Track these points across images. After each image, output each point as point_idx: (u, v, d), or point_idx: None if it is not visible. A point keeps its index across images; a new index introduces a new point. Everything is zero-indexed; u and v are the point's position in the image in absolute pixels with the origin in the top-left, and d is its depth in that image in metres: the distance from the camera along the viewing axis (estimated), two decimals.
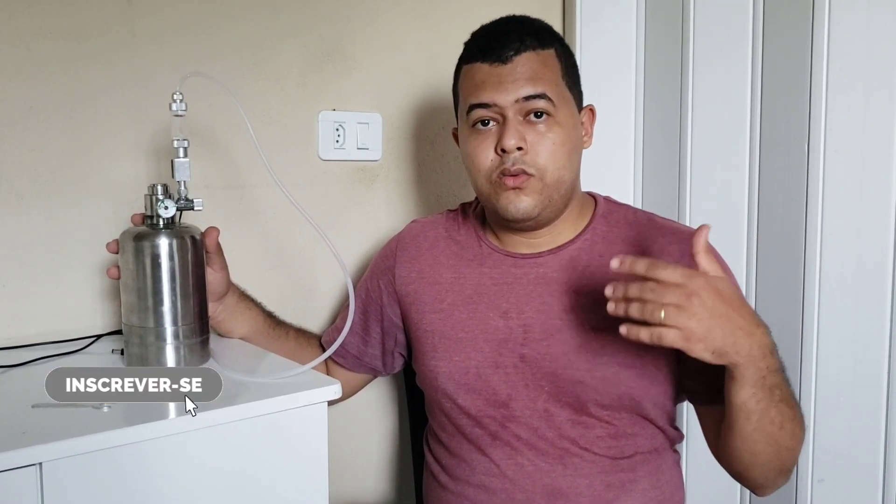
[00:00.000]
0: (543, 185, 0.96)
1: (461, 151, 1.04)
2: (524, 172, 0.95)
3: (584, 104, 1.04)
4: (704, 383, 0.96)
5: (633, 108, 1.49)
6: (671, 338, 0.80)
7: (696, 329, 0.79)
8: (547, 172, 0.96)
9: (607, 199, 1.08)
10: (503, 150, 0.95)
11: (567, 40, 1.26)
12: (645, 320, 0.81)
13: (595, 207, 1.06)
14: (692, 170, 1.40)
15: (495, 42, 0.97)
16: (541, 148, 0.95)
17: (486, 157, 0.97)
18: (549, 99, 0.95)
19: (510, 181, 0.96)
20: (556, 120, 0.96)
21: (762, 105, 1.29)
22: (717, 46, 1.34)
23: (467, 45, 1.02)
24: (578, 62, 1.05)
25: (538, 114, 0.96)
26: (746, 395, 0.85)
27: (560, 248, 1.02)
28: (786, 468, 0.94)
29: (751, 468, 0.93)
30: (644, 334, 0.81)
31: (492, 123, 0.97)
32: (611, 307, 0.83)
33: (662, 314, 0.79)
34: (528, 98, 0.95)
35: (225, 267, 1.02)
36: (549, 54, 0.98)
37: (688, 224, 1.38)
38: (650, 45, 1.47)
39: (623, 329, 0.82)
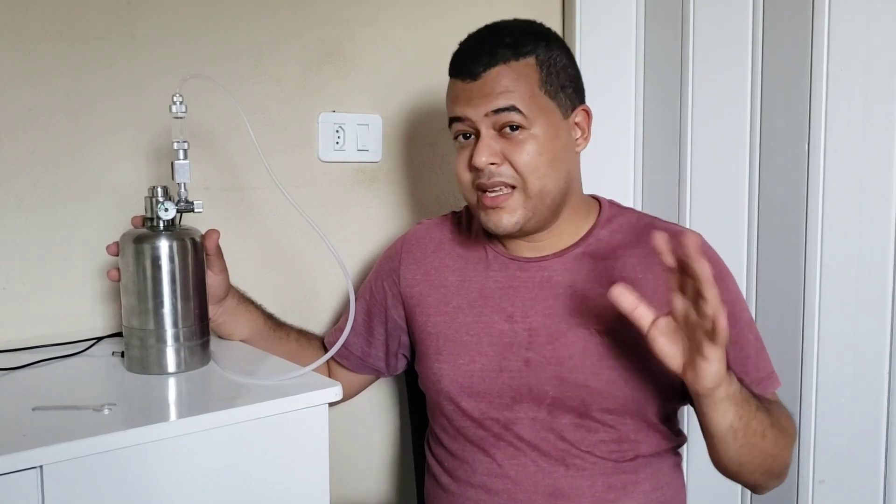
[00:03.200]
0: (526, 196, 0.96)
1: None
2: (504, 184, 0.95)
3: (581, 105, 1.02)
4: None
5: (632, 107, 1.49)
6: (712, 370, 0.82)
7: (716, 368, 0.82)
8: (528, 183, 0.95)
9: (611, 203, 1.08)
10: (474, 167, 0.96)
11: (567, 40, 1.26)
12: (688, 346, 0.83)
13: (599, 211, 1.06)
14: (692, 170, 1.39)
15: (467, 58, 0.97)
16: (518, 159, 0.95)
17: (465, 170, 0.99)
18: (520, 111, 0.94)
19: (487, 200, 0.96)
20: (530, 132, 0.95)
21: (762, 104, 1.28)
22: (717, 46, 1.34)
23: (451, 58, 1.01)
24: (578, 62, 1.04)
25: (513, 126, 0.95)
26: (732, 415, 0.86)
27: (564, 251, 1.02)
28: (774, 472, 0.96)
29: (738, 476, 0.95)
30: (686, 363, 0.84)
31: (472, 137, 0.98)
32: (676, 306, 0.82)
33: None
34: (497, 111, 0.94)
35: (225, 269, 1.02)
36: (526, 64, 0.96)
37: (688, 224, 1.38)
38: (650, 45, 1.47)
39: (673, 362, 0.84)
